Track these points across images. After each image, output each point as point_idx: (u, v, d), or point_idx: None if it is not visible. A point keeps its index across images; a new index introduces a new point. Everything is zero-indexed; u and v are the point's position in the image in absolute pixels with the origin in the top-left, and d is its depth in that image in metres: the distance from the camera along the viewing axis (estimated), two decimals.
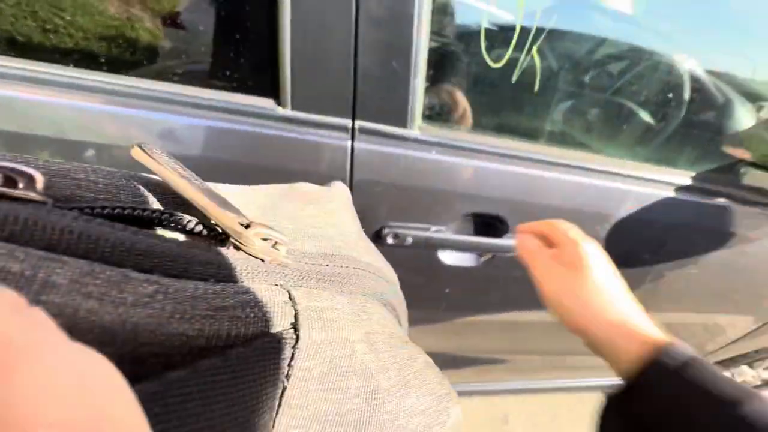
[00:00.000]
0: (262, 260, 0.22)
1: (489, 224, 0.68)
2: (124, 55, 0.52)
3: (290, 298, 0.20)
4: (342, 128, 0.56)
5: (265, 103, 0.54)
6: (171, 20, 0.51)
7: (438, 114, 0.60)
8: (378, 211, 0.63)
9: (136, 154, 0.21)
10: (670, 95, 0.74)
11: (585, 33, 0.66)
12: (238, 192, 0.29)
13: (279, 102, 0.54)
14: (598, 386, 1.31)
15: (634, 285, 0.82)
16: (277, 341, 0.19)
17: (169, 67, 0.52)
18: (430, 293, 0.77)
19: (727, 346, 1.15)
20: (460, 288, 0.77)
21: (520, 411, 1.42)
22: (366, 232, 0.65)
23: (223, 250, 0.20)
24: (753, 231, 0.82)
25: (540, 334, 0.96)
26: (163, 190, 0.22)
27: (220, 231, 0.22)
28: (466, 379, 1.19)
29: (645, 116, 0.76)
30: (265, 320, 0.18)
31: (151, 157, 0.21)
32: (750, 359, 1.22)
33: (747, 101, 0.85)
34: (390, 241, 0.65)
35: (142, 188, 0.21)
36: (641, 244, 0.74)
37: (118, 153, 0.51)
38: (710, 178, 0.76)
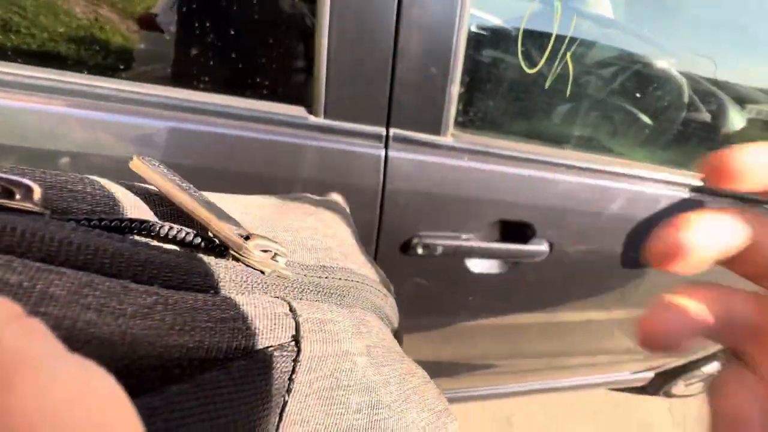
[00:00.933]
0: (262, 272, 0.21)
1: (516, 230, 0.67)
2: (141, 65, 0.48)
3: (291, 310, 0.20)
4: (376, 137, 0.54)
5: (297, 111, 0.52)
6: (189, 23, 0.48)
7: (470, 120, 0.60)
8: (409, 220, 0.61)
9: (135, 166, 0.20)
10: (673, 99, 0.77)
11: (601, 42, 0.67)
12: (237, 202, 0.28)
13: (311, 110, 0.52)
14: (594, 384, 1.34)
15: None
16: (278, 354, 0.18)
17: (195, 75, 0.48)
18: (453, 302, 0.76)
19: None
20: (482, 295, 0.76)
21: (523, 412, 1.43)
22: (396, 242, 0.63)
23: (223, 261, 0.20)
24: None
25: (548, 337, 0.97)
26: (161, 202, 0.21)
27: (220, 242, 0.21)
28: (472, 384, 1.19)
29: (648, 119, 0.78)
30: (266, 332, 0.18)
31: (150, 169, 0.20)
32: None
33: (738, 105, 0.90)
34: (420, 251, 0.63)
35: (140, 200, 0.20)
36: None
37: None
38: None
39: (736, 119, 0.88)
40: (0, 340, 0.07)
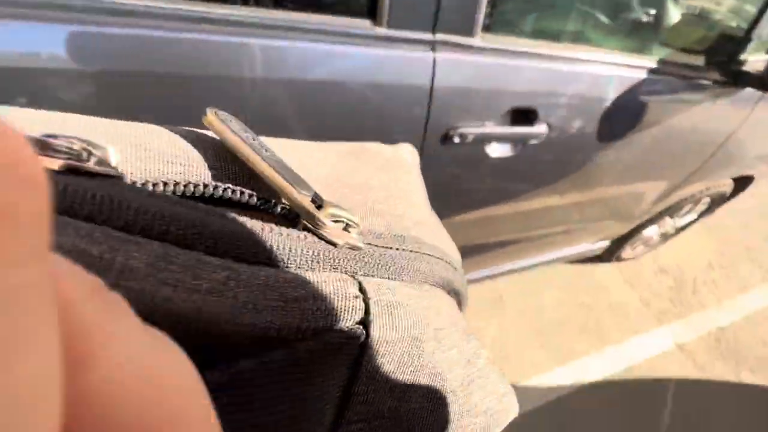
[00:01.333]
0: (334, 245, 0.20)
1: (523, 116, 0.85)
2: None
3: (361, 290, 0.20)
4: (427, 42, 0.66)
5: (363, 24, 0.62)
6: None
7: (493, 23, 0.73)
8: (448, 114, 0.75)
9: (209, 121, 0.20)
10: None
11: None
12: (305, 153, 0.27)
13: (375, 22, 0.62)
14: (564, 257, 1.65)
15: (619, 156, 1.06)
16: (346, 337, 0.18)
17: None
18: (474, 187, 0.94)
19: (651, 207, 1.52)
20: (498, 178, 0.95)
21: (511, 288, 1.74)
22: (438, 133, 0.78)
23: (294, 232, 0.19)
24: (680, 104, 1.09)
25: (544, 212, 1.20)
26: (233, 160, 0.21)
27: (291, 210, 0.21)
28: (471, 268, 1.42)
29: (607, 17, 0.95)
30: (335, 314, 0.18)
31: (223, 125, 0.20)
32: (671, 211, 1.62)
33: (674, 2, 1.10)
34: (456, 140, 0.79)
35: (212, 159, 0.20)
36: (628, 122, 0.98)
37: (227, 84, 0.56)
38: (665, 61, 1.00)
39: (674, 12, 1.09)
40: (81, 316, 0.07)
